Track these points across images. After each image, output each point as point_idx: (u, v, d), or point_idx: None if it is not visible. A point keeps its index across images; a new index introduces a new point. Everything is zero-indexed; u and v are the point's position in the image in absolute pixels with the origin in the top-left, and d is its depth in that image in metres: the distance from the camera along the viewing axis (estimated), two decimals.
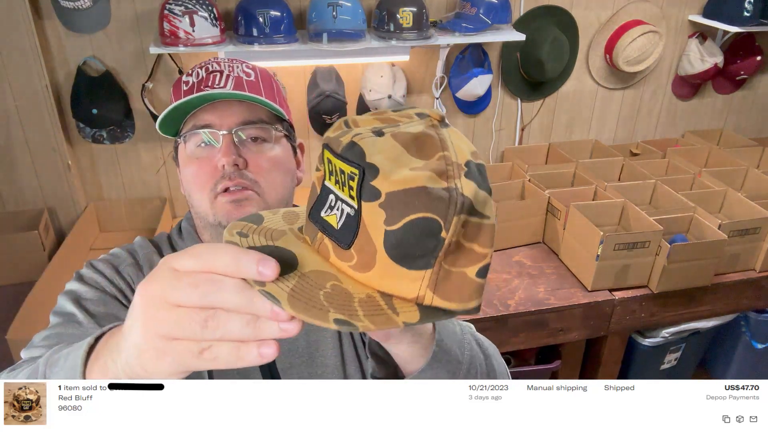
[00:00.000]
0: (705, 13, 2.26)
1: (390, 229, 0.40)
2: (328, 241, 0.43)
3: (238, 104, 0.80)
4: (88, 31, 1.82)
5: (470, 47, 2.08)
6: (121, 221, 2.10)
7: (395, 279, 0.42)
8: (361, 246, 0.41)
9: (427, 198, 0.40)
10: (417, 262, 0.41)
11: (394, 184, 0.40)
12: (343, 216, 0.42)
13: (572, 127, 2.42)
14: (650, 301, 1.79)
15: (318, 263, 0.43)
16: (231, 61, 0.85)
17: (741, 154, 2.29)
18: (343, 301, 0.40)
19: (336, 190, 0.43)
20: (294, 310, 0.38)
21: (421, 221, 0.40)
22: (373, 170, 0.40)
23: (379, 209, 0.40)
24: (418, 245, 0.41)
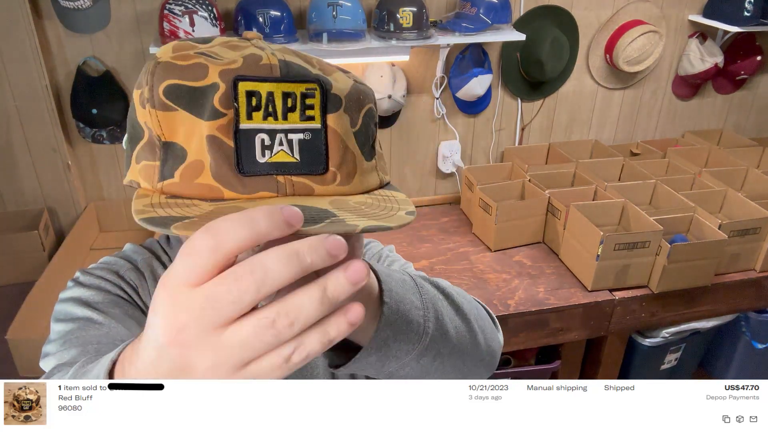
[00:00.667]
0: (705, 13, 2.26)
1: (356, 130, 0.42)
2: (299, 177, 0.40)
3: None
4: (88, 31, 1.82)
5: (470, 47, 2.08)
6: (121, 221, 2.10)
7: (368, 175, 0.44)
8: (340, 160, 0.41)
9: (362, 91, 0.44)
10: (372, 152, 0.45)
11: (344, 89, 0.42)
12: (295, 145, 0.39)
13: (572, 127, 2.42)
14: (650, 301, 1.79)
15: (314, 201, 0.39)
16: None
17: (741, 154, 2.29)
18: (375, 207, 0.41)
19: (268, 124, 0.38)
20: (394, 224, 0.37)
21: (369, 112, 0.44)
22: (326, 81, 0.40)
23: (344, 114, 0.41)
24: (370, 135, 0.44)
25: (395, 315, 0.49)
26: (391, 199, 0.44)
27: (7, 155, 1.90)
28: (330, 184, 0.41)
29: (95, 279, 0.77)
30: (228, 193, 0.39)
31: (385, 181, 0.48)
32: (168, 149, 0.40)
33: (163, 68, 0.40)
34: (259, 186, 0.39)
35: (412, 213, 0.40)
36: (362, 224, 0.35)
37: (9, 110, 1.84)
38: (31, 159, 1.92)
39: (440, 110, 2.18)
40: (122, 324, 0.72)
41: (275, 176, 0.39)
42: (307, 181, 0.40)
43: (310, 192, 0.40)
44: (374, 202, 0.42)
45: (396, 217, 0.39)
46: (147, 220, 0.37)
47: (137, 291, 0.79)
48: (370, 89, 0.46)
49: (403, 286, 0.53)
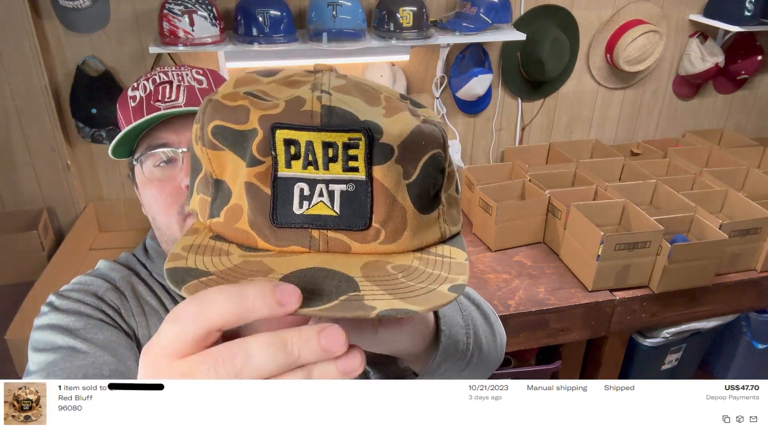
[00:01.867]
0: (706, 13, 2.26)
1: (410, 182, 0.37)
2: (335, 233, 0.36)
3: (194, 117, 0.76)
4: (87, 31, 1.81)
5: (470, 47, 2.08)
6: (120, 221, 2.10)
7: (424, 230, 0.39)
8: (386, 215, 0.37)
9: (424, 136, 0.38)
10: (434, 203, 0.40)
11: (399, 135, 0.37)
12: (337, 197, 0.36)
13: (572, 127, 2.42)
14: (651, 302, 1.79)
15: (348, 262, 0.36)
16: (180, 68, 0.79)
17: (742, 153, 2.29)
18: (418, 275, 0.36)
19: (308, 174, 0.36)
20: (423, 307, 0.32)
21: (431, 160, 0.39)
22: (376, 128, 0.36)
23: (395, 165, 0.36)
24: (434, 185, 0.39)
25: (449, 341, 0.53)
26: (443, 263, 0.38)
27: (6, 155, 1.90)
28: (371, 242, 0.37)
29: (73, 303, 0.72)
30: (261, 243, 0.37)
31: (448, 234, 0.42)
32: (218, 187, 0.40)
33: (213, 107, 0.39)
34: (292, 239, 0.37)
35: (457, 288, 0.34)
36: (380, 307, 0.31)
37: (8, 110, 1.84)
38: (30, 159, 1.92)
39: (440, 110, 2.18)
40: (107, 350, 0.68)
41: (310, 230, 0.36)
42: (345, 237, 0.36)
43: (347, 250, 0.37)
44: (420, 266, 0.37)
45: (434, 294, 0.33)
46: (169, 271, 0.35)
47: (119, 312, 0.75)
48: (438, 130, 0.40)
49: (451, 307, 0.56)
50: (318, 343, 0.29)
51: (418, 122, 0.39)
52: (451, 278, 0.36)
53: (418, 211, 0.38)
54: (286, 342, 0.29)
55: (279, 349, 0.29)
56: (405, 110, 0.39)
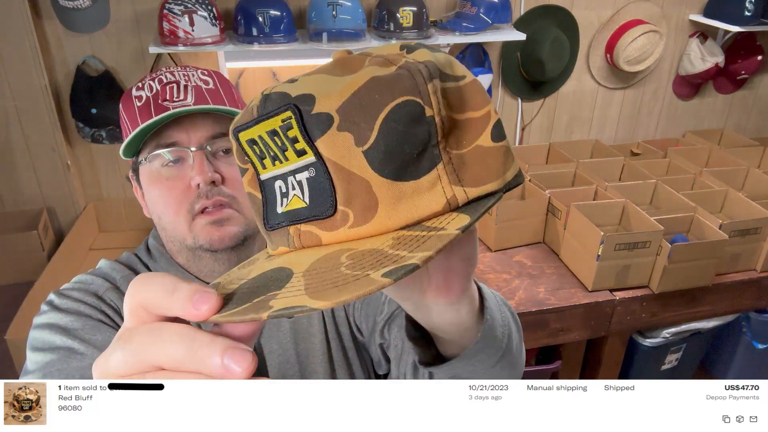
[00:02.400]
0: (706, 13, 2.26)
1: (367, 147, 0.31)
2: (307, 226, 0.34)
3: (203, 117, 0.74)
4: (87, 31, 1.81)
5: (470, 47, 2.08)
6: (120, 221, 2.10)
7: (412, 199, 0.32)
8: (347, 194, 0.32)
9: (383, 85, 0.31)
10: (421, 165, 0.32)
11: (339, 96, 0.31)
12: (304, 186, 0.33)
13: (572, 127, 2.42)
14: (651, 302, 1.79)
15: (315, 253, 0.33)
16: (185, 69, 0.79)
17: (742, 153, 2.29)
18: (374, 259, 0.30)
19: (277, 169, 0.34)
20: (328, 301, 0.27)
21: (395, 113, 0.31)
22: (306, 99, 0.32)
23: (339, 134, 0.31)
24: (410, 142, 0.32)
25: (489, 330, 0.52)
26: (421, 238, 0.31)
27: (6, 155, 1.90)
28: (340, 227, 0.33)
29: (73, 303, 0.72)
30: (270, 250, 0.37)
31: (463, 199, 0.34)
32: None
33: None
34: (279, 240, 0.35)
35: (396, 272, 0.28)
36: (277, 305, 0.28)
37: (8, 110, 1.84)
38: (30, 159, 1.92)
39: None
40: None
41: (287, 227, 0.34)
42: (315, 228, 0.33)
43: (317, 242, 0.33)
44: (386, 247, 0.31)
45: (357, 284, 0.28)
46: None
47: (119, 312, 0.75)
48: (408, 72, 0.32)
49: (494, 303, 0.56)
50: (221, 357, 0.28)
51: (377, 73, 0.32)
52: (405, 257, 0.29)
53: (391, 178, 0.32)
54: (194, 340, 0.29)
55: (185, 343, 0.29)
56: (371, 65, 0.33)
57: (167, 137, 0.74)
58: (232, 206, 0.74)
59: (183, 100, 0.74)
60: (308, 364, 0.80)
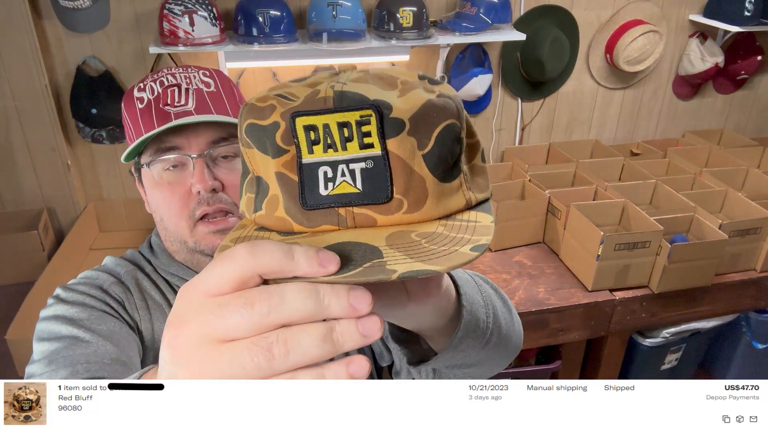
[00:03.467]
0: (705, 13, 2.26)
1: (426, 152, 0.39)
2: (360, 209, 0.39)
3: (205, 122, 0.75)
4: (87, 31, 1.82)
5: (470, 47, 2.08)
6: (120, 221, 2.10)
7: (448, 197, 0.41)
8: (405, 186, 0.39)
9: (437, 108, 0.40)
10: (453, 171, 0.42)
11: (409, 110, 0.39)
12: (358, 174, 0.38)
13: (572, 127, 2.42)
14: (651, 301, 1.79)
15: (372, 233, 0.38)
16: (186, 70, 0.79)
17: (741, 153, 2.29)
18: (440, 239, 0.38)
19: (329, 156, 0.39)
20: (442, 266, 0.33)
21: (447, 129, 0.40)
22: (385, 104, 0.38)
23: (408, 138, 0.39)
24: (450, 155, 0.41)
25: (470, 316, 0.55)
26: (467, 227, 0.40)
27: (6, 155, 1.90)
28: (395, 212, 0.39)
29: (78, 295, 0.74)
30: (296, 227, 0.40)
31: (474, 201, 0.43)
32: (259, 183, 0.43)
33: (247, 109, 0.42)
34: (322, 219, 0.39)
35: (479, 248, 0.36)
36: (401, 270, 0.32)
37: (9, 110, 1.84)
38: (30, 159, 1.92)
39: None
40: (110, 341, 0.70)
41: (336, 209, 0.39)
42: (370, 211, 0.39)
43: (373, 223, 0.39)
44: (445, 231, 0.39)
45: (455, 254, 0.35)
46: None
47: (123, 305, 0.77)
48: (452, 103, 0.41)
49: (471, 287, 0.59)
50: (347, 298, 0.31)
51: (430, 97, 0.40)
52: (474, 239, 0.38)
53: (438, 179, 0.40)
54: (319, 291, 0.31)
55: (311, 295, 0.31)
56: (418, 88, 0.41)
57: (168, 142, 0.74)
58: (234, 213, 0.74)
59: (184, 105, 0.74)
60: None
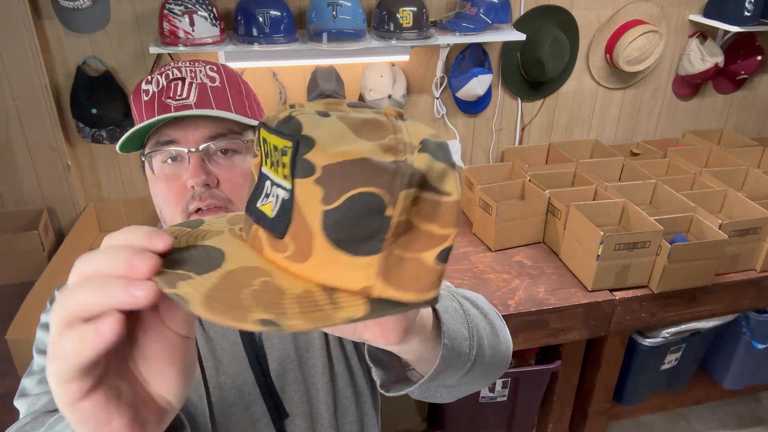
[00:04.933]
0: (705, 13, 2.26)
1: (328, 209, 0.35)
2: (263, 232, 0.38)
3: (205, 116, 0.75)
4: (87, 31, 1.81)
5: (470, 47, 2.08)
6: (120, 221, 2.10)
7: (338, 268, 0.36)
8: (297, 232, 0.36)
9: (369, 170, 0.34)
10: (362, 247, 0.35)
11: (332, 157, 0.35)
12: (278, 202, 0.37)
13: (572, 127, 2.42)
14: (651, 301, 1.79)
15: (249, 259, 0.38)
16: (193, 64, 0.80)
17: (741, 154, 2.29)
18: (271, 299, 0.34)
19: (272, 174, 0.38)
20: (209, 312, 0.32)
21: (363, 197, 0.34)
22: (308, 142, 0.35)
23: (314, 186, 0.35)
24: (361, 226, 0.35)
25: (450, 352, 0.55)
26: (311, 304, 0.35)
27: (6, 155, 1.90)
28: (280, 252, 0.37)
29: None
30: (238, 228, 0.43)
31: (376, 294, 0.36)
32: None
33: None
34: (245, 226, 0.41)
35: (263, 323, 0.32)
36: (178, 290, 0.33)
37: (9, 110, 1.84)
38: (30, 159, 1.92)
39: (440, 110, 2.18)
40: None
41: (253, 223, 0.39)
42: (265, 238, 0.38)
43: (260, 250, 0.38)
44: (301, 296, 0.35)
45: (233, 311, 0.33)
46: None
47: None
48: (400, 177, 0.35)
49: (456, 318, 0.58)
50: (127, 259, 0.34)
51: (371, 156, 0.35)
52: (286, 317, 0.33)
53: (334, 245, 0.35)
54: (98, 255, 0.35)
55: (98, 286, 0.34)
56: (377, 143, 0.36)
57: (166, 135, 0.74)
58: (227, 208, 0.74)
59: (185, 99, 0.75)
60: (307, 357, 0.82)
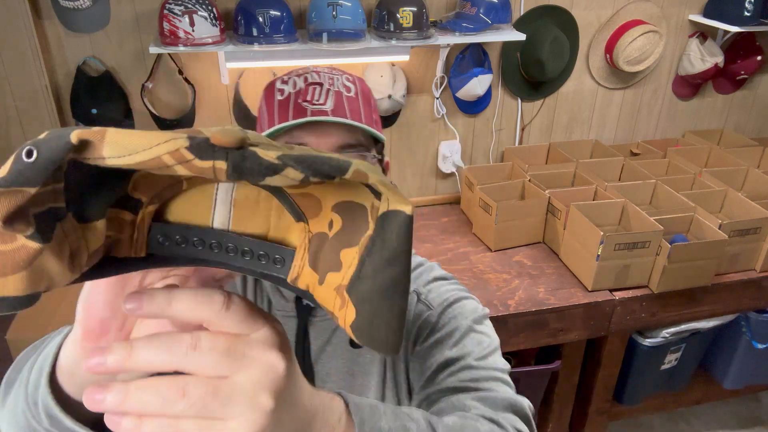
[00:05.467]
0: (705, 13, 2.26)
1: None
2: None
3: (337, 124, 0.75)
4: (87, 31, 1.81)
5: (470, 47, 2.08)
6: None
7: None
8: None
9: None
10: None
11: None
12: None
13: (572, 127, 2.42)
14: (650, 301, 1.79)
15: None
16: (331, 71, 0.80)
17: (741, 154, 2.29)
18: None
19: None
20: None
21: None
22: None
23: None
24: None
25: None
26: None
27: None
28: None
29: None
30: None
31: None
32: None
33: None
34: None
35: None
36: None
37: (9, 110, 1.84)
38: None
39: (440, 110, 2.18)
40: None
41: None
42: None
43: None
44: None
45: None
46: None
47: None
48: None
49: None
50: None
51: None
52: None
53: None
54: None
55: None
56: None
57: (298, 138, 0.74)
58: None
59: (322, 105, 0.74)
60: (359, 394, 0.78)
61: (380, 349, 0.33)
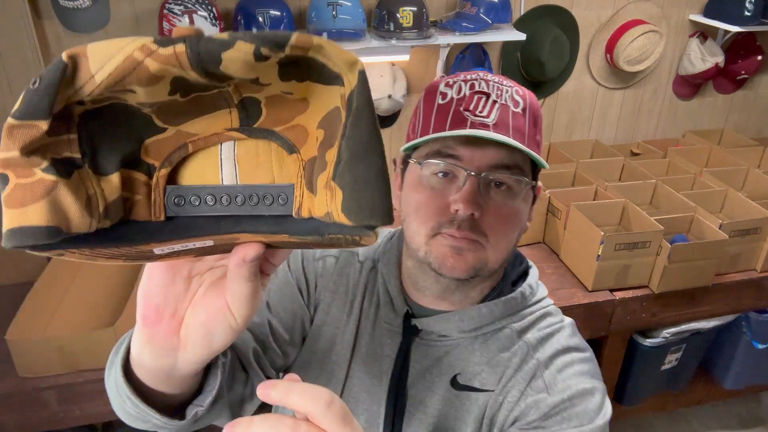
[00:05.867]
0: (706, 13, 2.26)
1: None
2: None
3: (496, 142, 0.68)
4: (87, 31, 1.81)
5: (470, 47, 2.08)
6: None
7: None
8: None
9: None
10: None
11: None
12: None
13: (572, 127, 2.42)
14: (651, 302, 1.79)
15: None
16: (501, 81, 0.74)
17: (742, 153, 2.29)
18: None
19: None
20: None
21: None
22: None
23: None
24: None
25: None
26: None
27: None
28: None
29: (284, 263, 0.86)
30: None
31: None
32: None
33: None
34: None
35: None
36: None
37: (8, 110, 1.84)
38: None
39: None
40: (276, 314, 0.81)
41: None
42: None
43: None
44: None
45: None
46: None
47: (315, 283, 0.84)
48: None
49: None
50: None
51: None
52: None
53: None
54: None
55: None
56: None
57: (450, 148, 0.69)
58: (480, 244, 0.69)
59: (485, 117, 0.69)
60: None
61: (371, 218, 0.33)
